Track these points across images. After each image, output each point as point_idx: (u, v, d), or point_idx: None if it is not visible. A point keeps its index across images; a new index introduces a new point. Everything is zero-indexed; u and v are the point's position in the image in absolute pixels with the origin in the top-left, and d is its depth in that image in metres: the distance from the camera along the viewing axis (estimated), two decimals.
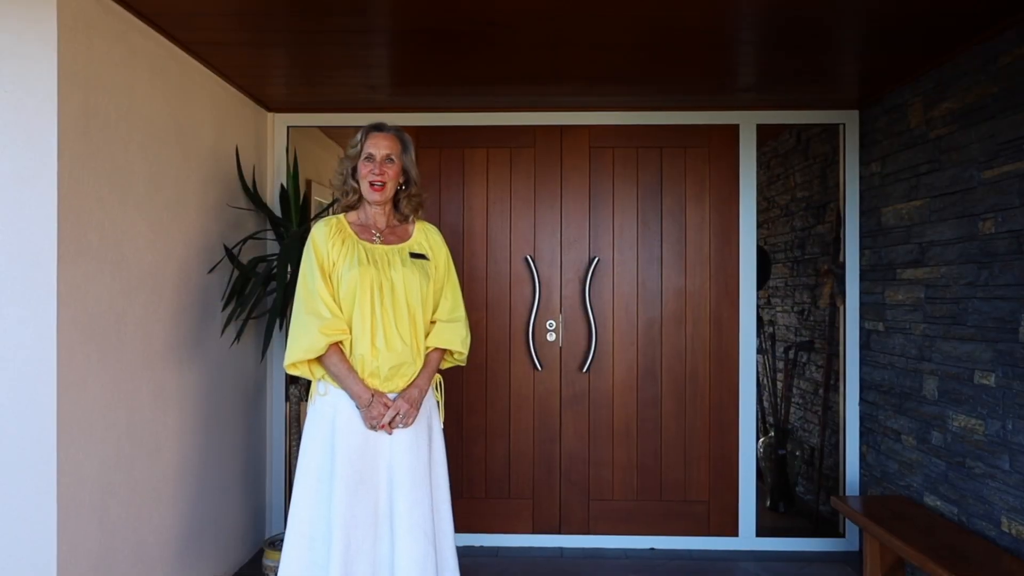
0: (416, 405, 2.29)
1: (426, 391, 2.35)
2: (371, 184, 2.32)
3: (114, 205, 2.40)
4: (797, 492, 4.36)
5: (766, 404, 4.59)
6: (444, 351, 2.43)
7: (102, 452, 2.34)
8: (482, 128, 3.79)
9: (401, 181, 2.40)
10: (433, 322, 2.42)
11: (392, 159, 2.35)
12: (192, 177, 2.95)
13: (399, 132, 2.41)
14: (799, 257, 4.54)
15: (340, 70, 3.16)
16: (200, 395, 3.02)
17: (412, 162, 2.42)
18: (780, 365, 4.62)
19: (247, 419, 3.51)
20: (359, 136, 2.38)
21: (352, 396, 2.25)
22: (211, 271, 3.09)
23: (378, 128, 2.39)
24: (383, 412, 2.23)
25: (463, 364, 2.51)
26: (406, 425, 2.27)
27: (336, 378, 2.25)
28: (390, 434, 2.26)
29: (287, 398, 3.69)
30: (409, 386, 2.31)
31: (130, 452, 2.51)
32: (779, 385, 4.46)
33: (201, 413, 3.03)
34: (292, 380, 3.43)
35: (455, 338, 2.41)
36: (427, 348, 2.39)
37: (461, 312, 2.46)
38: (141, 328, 2.57)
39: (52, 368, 2.10)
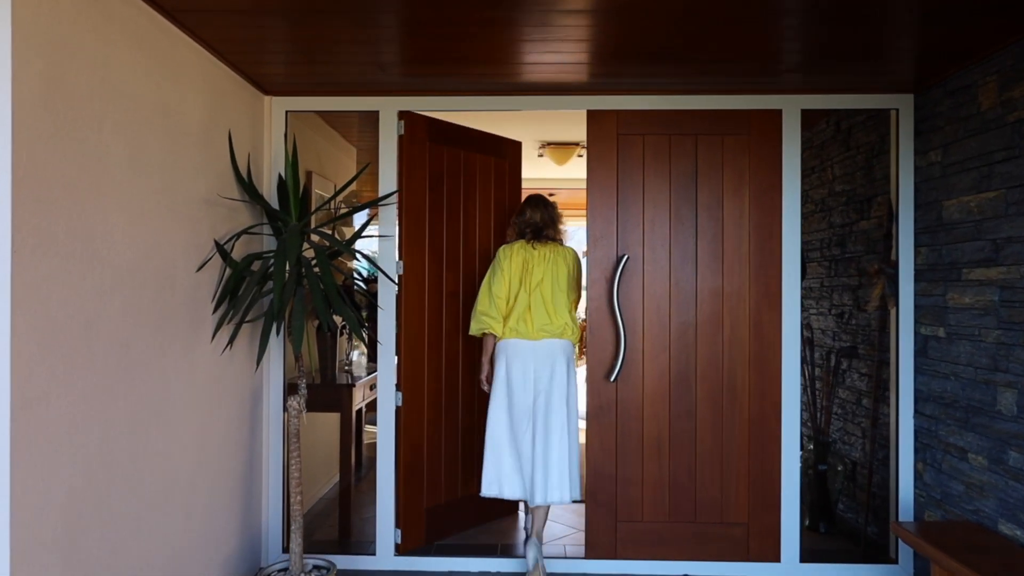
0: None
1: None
2: None
3: (85, 192, 2.07)
4: (837, 510, 4.04)
5: (804, 415, 4.26)
6: None
7: (69, 480, 2.01)
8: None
9: None
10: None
11: None
12: (179, 164, 2.62)
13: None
14: (838, 256, 4.21)
15: (345, 45, 2.83)
16: (187, 410, 2.69)
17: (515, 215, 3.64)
18: (818, 372, 4.29)
19: (241, 435, 3.17)
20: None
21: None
22: (200, 269, 2.76)
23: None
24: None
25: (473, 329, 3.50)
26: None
27: None
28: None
29: (285, 409, 3.36)
30: None
31: (104, 478, 2.17)
32: (819, 394, 4.14)
33: (188, 430, 2.70)
34: (291, 391, 3.09)
35: None
36: None
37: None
38: (117, 335, 2.23)
39: (5, 384, 1.77)
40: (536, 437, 3.33)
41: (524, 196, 4.00)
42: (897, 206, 3.40)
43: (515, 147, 4.17)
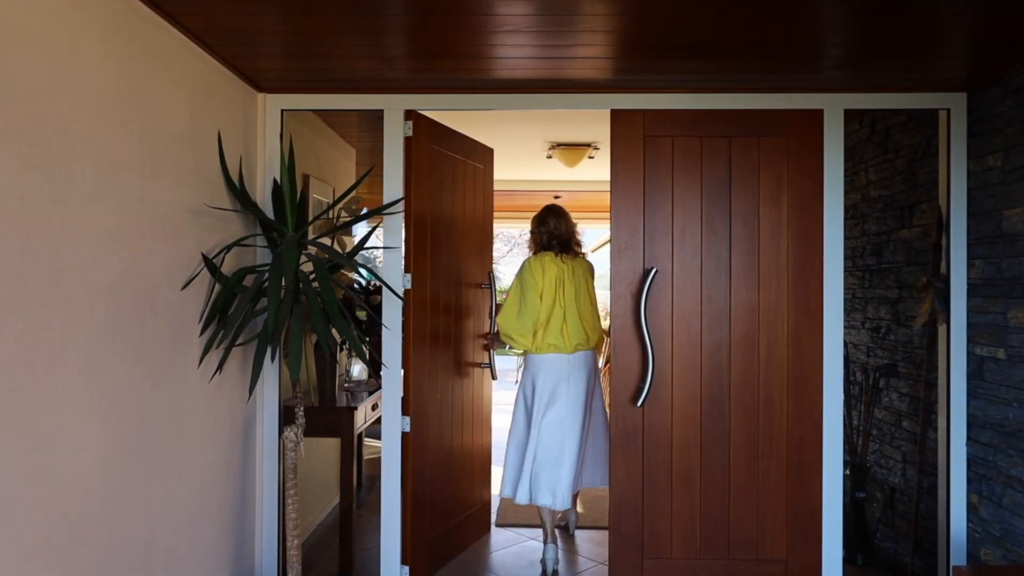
0: (490, 341, 3.93)
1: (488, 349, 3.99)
2: None
3: (47, 204, 1.77)
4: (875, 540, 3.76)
5: None
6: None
7: (26, 541, 1.71)
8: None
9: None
10: None
11: None
12: (160, 169, 2.32)
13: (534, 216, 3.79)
14: (873, 266, 3.94)
15: (347, 35, 2.54)
16: (170, 445, 2.39)
17: (535, 226, 3.73)
18: (853, 390, 4.01)
19: (231, 468, 2.87)
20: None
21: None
22: (185, 287, 2.46)
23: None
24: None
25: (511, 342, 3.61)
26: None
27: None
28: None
29: (280, 436, 3.07)
30: None
31: (70, 535, 1.88)
32: (854, 415, 3.86)
33: (172, 468, 2.40)
34: (287, 418, 2.80)
35: (499, 327, 3.63)
36: None
37: (501, 313, 3.62)
38: (87, 368, 1.94)
39: None
40: (566, 439, 3.46)
41: (496, 200, 4.22)
42: (948, 214, 3.12)
43: (489, 153, 4.06)
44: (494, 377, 3.99)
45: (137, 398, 2.18)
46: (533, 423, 3.48)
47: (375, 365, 3.49)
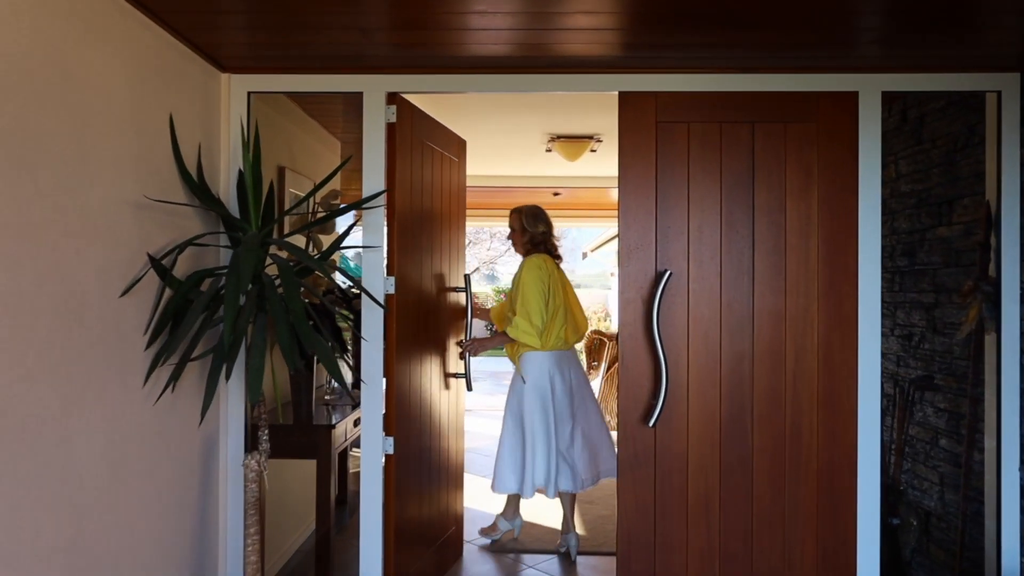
0: (472, 348, 3.62)
1: (487, 346, 3.81)
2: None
3: None
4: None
5: None
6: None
7: None
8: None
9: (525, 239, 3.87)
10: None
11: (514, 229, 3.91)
12: (91, 156, 1.97)
13: (516, 211, 3.90)
14: (904, 267, 3.59)
15: (318, 3, 2.18)
16: (105, 479, 2.04)
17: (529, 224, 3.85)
18: (884, 405, 3.66)
19: (187, 499, 2.52)
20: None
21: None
22: (126, 293, 2.11)
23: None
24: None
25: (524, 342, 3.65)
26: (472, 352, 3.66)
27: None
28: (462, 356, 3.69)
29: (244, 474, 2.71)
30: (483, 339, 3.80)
31: None
32: (886, 432, 3.51)
33: (107, 506, 2.05)
34: (253, 446, 2.46)
35: (512, 327, 3.65)
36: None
37: (522, 313, 3.64)
38: None
39: None
40: (576, 429, 3.76)
41: (492, 197, 4.57)
42: (998, 210, 2.78)
43: (463, 144, 3.75)
44: (469, 388, 3.65)
45: (59, 428, 1.83)
46: (568, 414, 3.72)
47: (356, 382, 3.14)
